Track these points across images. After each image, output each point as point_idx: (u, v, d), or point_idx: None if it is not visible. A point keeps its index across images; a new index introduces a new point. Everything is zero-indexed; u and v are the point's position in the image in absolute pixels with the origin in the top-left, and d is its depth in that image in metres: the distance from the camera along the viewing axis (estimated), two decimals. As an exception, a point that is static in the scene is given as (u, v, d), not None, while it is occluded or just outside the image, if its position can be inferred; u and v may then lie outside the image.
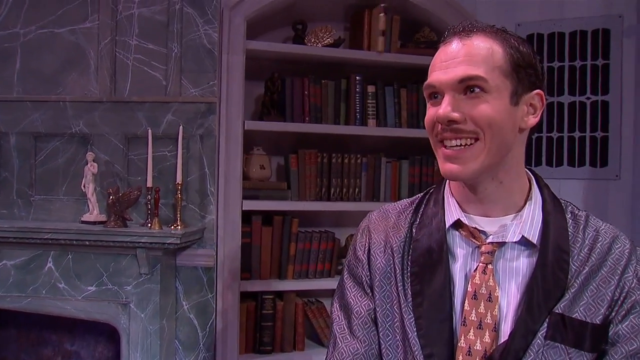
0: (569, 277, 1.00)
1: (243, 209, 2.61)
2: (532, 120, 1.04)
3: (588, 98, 2.82)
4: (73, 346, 2.72)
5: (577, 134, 2.83)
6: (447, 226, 1.08)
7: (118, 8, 2.57)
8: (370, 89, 2.81)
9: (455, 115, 0.99)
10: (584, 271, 1.01)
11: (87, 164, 2.48)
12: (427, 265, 1.07)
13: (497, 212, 1.06)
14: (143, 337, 2.45)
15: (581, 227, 1.06)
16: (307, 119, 2.73)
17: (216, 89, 2.55)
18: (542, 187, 1.11)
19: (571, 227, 1.06)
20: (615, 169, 2.77)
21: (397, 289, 1.09)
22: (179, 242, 2.35)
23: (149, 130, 2.48)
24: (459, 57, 1.00)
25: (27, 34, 2.58)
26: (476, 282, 1.02)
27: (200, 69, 2.56)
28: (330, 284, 2.76)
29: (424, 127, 1.09)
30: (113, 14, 2.56)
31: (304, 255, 2.73)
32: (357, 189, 2.77)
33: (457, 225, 1.08)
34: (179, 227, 2.43)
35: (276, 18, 2.84)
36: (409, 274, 1.08)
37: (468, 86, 0.99)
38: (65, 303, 2.49)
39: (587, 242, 1.04)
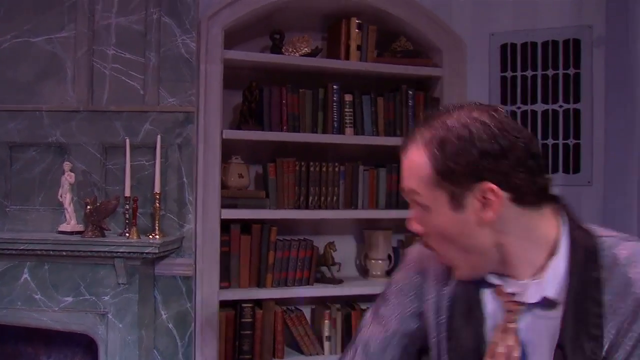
0: (604, 333, 0.91)
1: (222, 217, 2.61)
2: (488, 214, 0.94)
3: (560, 106, 2.88)
4: (49, 358, 2.69)
5: (550, 141, 2.89)
6: (477, 282, 1.04)
7: (95, 17, 2.57)
8: (348, 97, 2.84)
9: (413, 227, 1.03)
10: (617, 326, 0.91)
11: (64, 173, 2.46)
12: (462, 320, 1.04)
13: (520, 275, 0.99)
14: (121, 347, 2.44)
15: (615, 271, 0.93)
16: (285, 127, 2.75)
17: (194, 99, 2.56)
18: (573, 230, 0.99)
19: (605, 273, 0.94)
20: (587, 175, 2.83)
21: (442, 339, 1.07)
22: (157, 251, 2.34)
23: (127, 140, 2.48)
24: (404, 171, 1.01)
25: (3, 43, 2.56)
26: (494, 340, 0.99)
27: (178, 79, 2.56)
28: (309, 291, 2.77)
29: (401, 135, 1.10)
30: (90, 23, 2.56)
31: (283, 264, 2.74)
32: (335, 197, 2.79)
33: (488, 281, 1.03)
34: (158, 237, 2.43)
35: (254, 28, 2.86)
36: (447, 326, 1.07)
37: (415, 200, 1.00)
38: (41, 314, 2.46)
39: (619, 290, 0.92)
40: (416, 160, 0.97)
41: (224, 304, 2.66)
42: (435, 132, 0.95)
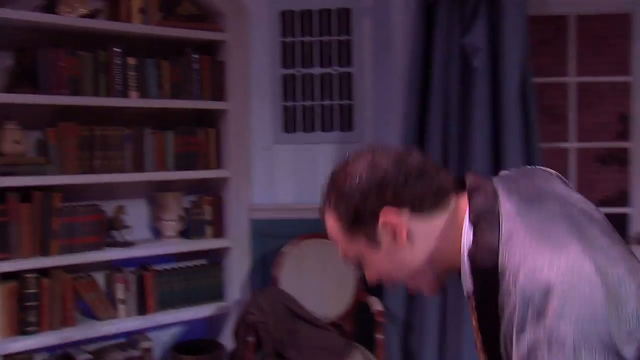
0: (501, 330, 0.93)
1: (-3, 186, 2.48)
2: (400, 237, 1.00)
3: (335, 70, 3.14)
4: None
5: (327, 102, 3.15)
6: None
7: None
8: (132, 61, 2.82)
9: (370, 279, 1.09)
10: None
11: None
12: None
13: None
14: None
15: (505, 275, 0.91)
16: (64, 91, 2.66)
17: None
18: (475, 219, 0.98)
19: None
20: (359, 133, 3.14)
21: None
22: None
23: None
24: (330, 237, 1.09)
25: None
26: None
27: None
28: (100, 256, 2.76)
29: (187, 99, 1.12)
30: None
31: (69, 230, 2.68)
32: (121, 161, 2.78)
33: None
34: None
35: (24, -15, 2.70)
36: None
37: (351, 256, 1.08)
38: None
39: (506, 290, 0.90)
40: (330, 223, 1.06)
41: (4, 276, 2.54)
42: (331, 192, 1.05)
